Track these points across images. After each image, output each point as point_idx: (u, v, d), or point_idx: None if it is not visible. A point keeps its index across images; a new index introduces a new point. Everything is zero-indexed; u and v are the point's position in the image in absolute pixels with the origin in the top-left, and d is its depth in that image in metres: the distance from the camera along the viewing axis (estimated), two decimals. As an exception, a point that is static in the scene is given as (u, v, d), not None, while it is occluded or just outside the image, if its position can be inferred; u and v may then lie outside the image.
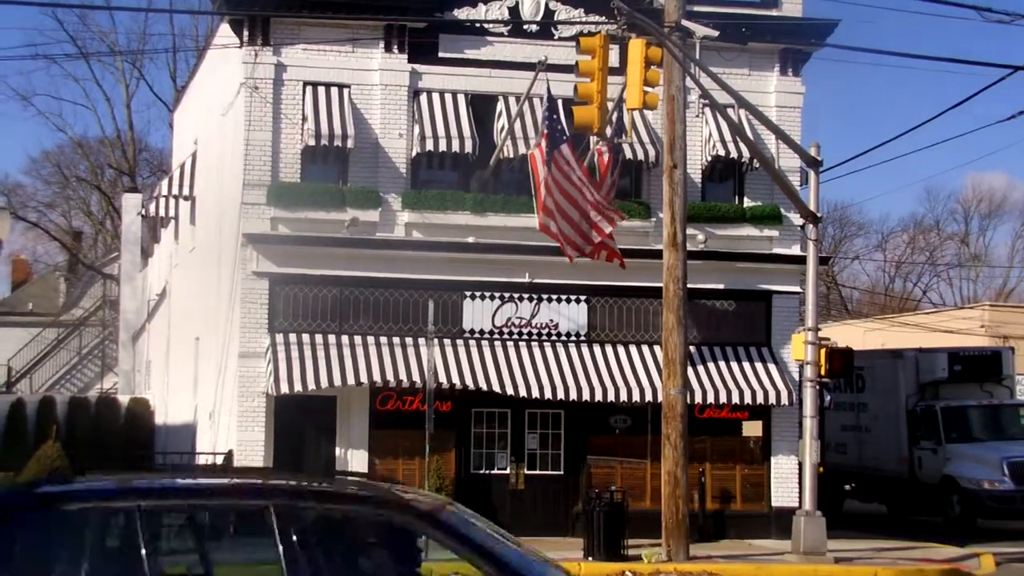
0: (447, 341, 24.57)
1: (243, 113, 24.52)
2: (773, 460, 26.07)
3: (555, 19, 25.62)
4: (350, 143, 24.25)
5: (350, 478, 8.67)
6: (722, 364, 25.55)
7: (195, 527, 7.43)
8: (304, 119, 24.33)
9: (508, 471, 25.28)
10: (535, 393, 24.31)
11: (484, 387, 24.13)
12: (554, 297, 25.27)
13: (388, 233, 24.81)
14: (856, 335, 42.67)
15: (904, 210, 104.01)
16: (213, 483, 7.79)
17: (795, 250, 25.94)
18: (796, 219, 25.37)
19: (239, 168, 24.57)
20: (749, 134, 24.95)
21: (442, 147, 24.60)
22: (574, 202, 23.04)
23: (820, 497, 22.91)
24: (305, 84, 24.61)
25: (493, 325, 25.04)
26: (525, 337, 25.11)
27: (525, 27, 25.55)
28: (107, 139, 59.69)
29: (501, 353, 24.77)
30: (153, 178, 57.43)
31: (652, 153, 24.97)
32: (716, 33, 23.02)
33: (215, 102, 28.55)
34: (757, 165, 25.23)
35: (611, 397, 24.63)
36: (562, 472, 25.46)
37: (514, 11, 25.52)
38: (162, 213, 31.91)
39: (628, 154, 24.55)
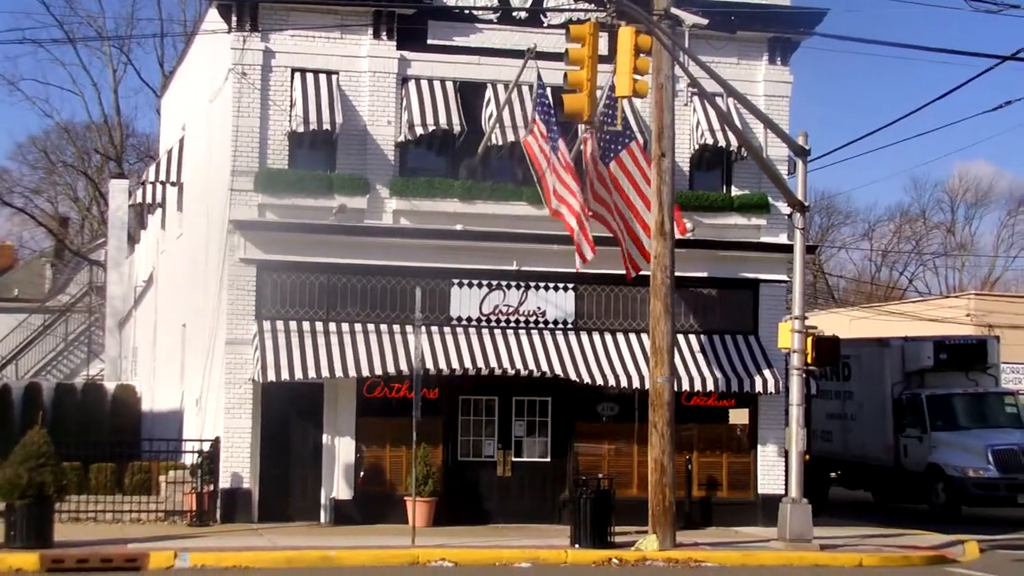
0: (435, 328, 24.57)
1: (231, 99, 24.45)
2: (759, 448, 26.15)
3: (544, 6, 25.58)
4: (338, 130, 24.22)
5: None
6: (709, 352, 25.59)
7: None
8: (292, 105, 24.28)
9: (495, 458, 25.30)
10: (519, 366, 24.25)
11: (471, 368, 24.11)
12: (542, 285, 25.28)
13: (376, 220, 24.79)
14: (842, 323, 42.79)
15: (891, 199, 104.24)
16: None
17: (782, 239, 26.00)
18: (784, 208, 25.43)
19: (227, 154, 24.52)
20: (737, 123, 24.97)
21: (431, 133, 24.57)
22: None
23: (806, 485, 22.98)
24: (293, 70, 24.55)
25: (481, 313, 25.04)
26: (513, 325, 25.11)
27: (514, 14, 25.51)
28: (94, 124, 59.45)
29: (488, 340, 24.76)
30: (140, 164, 57.19)
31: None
32: (705, 21, 23.02)
33: (203, 88, 28.48)
34: (745, 154, 25.26)
35: (598, 384, 24.66)
36: (549, 459, 25.49)
37: (503, -2, 25.49)
38: (149, 199, 31.83)
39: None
